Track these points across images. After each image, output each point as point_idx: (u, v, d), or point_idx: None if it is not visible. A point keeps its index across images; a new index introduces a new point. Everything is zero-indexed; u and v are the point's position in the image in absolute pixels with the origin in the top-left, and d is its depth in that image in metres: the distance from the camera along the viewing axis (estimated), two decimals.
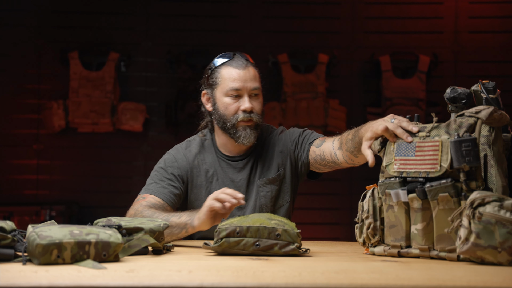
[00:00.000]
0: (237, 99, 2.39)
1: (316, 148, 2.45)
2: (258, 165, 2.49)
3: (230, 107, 2.39)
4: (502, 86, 2.16)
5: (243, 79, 2.38)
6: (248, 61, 2.43)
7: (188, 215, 2.18)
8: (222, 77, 2.41)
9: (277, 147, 2.50)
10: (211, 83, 2.44)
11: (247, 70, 2.40)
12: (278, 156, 2.49)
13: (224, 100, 2.40)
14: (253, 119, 2.39)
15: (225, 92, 2.39)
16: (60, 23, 5.43)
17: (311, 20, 5.48)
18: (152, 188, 2.42)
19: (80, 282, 1.40)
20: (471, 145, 1.79)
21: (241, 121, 2.38)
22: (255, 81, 2.41)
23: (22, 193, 5.40)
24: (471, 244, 1.70)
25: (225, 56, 2.44)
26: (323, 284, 1.42)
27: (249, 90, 2.39)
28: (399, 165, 1.91)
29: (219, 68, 2.42)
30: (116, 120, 5.30)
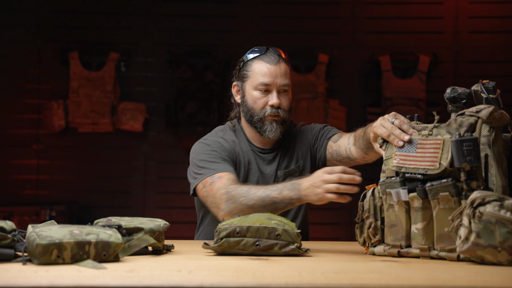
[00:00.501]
0: (266, 94, 2.40)
1: (333, 143, 2.48)
2: (282, 158, 2.50)
3: (259, 101, 2.40)
4: (502, 86, 2.16)
5: (273, 74, 2.39)
6: (281, 56, 2.43)
7: (289, 189, 2.16)
8: (253, 71, 2.41)
9: (298, 140, 2.52)
10: (242, 76, 2.44)
11: (278, 66, 2.40)
12: (298, 148, 2.51)
13: (253, 93, 2.41)
14: (280, 114, 2.40)
15: (254, 86, 2.40)
16: (60, 23, 5.43)
17: (311, 20, 5.48)
18: (218, 167, 2.35)
19: (80, 282, 1.40)
20: (472, 145, 1.80)
21: (268, 115, 2.39)
22: (285, 77, 2.41)
23: (22, 193, 5.40)
24: (471, 243, 1.70)
25: (258, 50, 2.44)
26: (323, 284, 1.42)
27: (279, 86, 2.40)
28: (399, 160, 1.92)
29: (251, 61, 2.42)
30: (116, 120, 5.30)
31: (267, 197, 2.17)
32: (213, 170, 2.33)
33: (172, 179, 5.45)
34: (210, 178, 2.31)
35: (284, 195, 2.16)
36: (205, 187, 2.31)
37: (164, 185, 5.45)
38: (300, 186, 2.14)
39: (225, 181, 2.27)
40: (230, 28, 5.43)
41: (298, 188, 2.15)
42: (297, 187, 2.15)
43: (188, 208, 5.44)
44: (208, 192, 2.30)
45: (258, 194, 2.18)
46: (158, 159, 5.46)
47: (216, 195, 2.26)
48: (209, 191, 2.29)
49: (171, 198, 5.45)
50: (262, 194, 2.18)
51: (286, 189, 2.17)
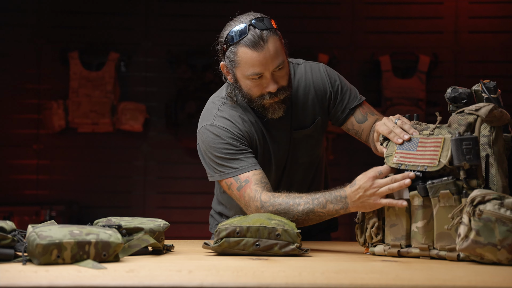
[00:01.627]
0: (260, 80, 2.16)
1: (356, 123, 2.33)
2: (294, 113, 2.30)
3: (254, 88, 2.18)
4: (502, 86, 2.16)
5: (263, 61, 2.12)
6: (267, 31, 2.14)
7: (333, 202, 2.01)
8: (240, 59, 2.15)
9: (311, 91, 2.32)
10: (229, 60, 2.19)
11: (267, 49, 2.12)
12: (313, 102, 2.32)
13: (247, 82, 2.18)
14: (280, 96, 2.18)
15: (246, 76, 2.16)
16: (60, 23, 5.43)
17: (311, 20, 5.48)
18: (239, 166, 2.17)
19: (80, 282, 1.40)
20: (472, 144, 1.80)
21: (267, 101, 2.19)
22: (276, 57, 2.14)
23: (22, 193, 5.40)
24: (471, 241, 1.70)
25: (240, 31, 2.15)
26: (323, 284, 1.42)
27: (272, 69, 2.15)
28: (399, 157, 1.93)
29: (235, 46, 2.15)
30: (116, 120, 5.30)
31: (311, 212, 2.03)
32: (235, 169, 2.17)
33: (172, 179, 5.45)
34: (234, 181, 2.16)
35: (329, 209, 2.02)
36: (232, 190, 2.18)
37: (164, 185, 5.45)
38: (347, 199, 1.98)
39: (254, 188, 2.11)
40: None
41: (344, 201, 1.99)
42: (343, 200, 1.99)
43: (188, 208, 5.45)
44: (238, 198, 2.17)
45: (300, 210, 2.04)
46: (158, 159, 5.46)
47: (250, 206, 2.12)
48: (240, 198, 2.16)
49: (171, 198, 5.45)
50: (304, 209, 2.03)
51: (329, 202, 2.01)
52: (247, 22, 2.16)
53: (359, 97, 2.36)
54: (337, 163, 5.22)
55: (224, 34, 2.21)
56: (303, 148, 2.35)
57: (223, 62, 2.24)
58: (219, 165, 2.20)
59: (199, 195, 5.40)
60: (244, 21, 2.17)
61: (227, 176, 2.19)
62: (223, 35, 2.22)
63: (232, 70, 2.21)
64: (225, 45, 2.20)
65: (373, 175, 1.95)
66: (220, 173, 2.20)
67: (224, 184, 2.21)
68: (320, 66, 2.37)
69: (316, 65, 2.37)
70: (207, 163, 2.24)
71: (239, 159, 2.18)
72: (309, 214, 2.03)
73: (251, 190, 2.12)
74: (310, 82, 2.33)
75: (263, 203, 2.08)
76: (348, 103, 2.34)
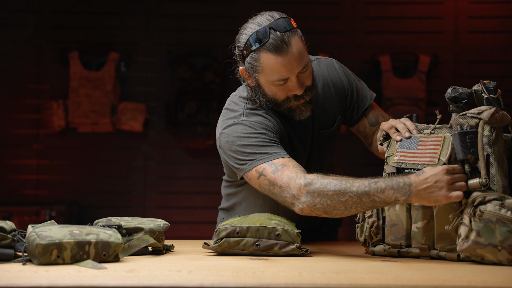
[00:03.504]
0: (285, 84, 2.07)
1: (369, 125, 2.30)
2: (316, 114, 2.23)
3: (280, 93, 2.09)
4: (502, 86, 2.16)
5: (288, 67, 2.03)
6: (289, 33, 2.04)
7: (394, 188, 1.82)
8: (263, 65, 2.05)
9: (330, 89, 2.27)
10: (250, 66, 2.08)
11: (291, 52, 2.02)
12: (332, 100, 2.27)
13: (271, 87, 2.09)
14: (306, 98, 2.10)
15: (270, 81, 2.07)
16: (60, 23, 5.43)
17: (311, 20, 5.48)
18: (273, 151, 2.04)
19: (80, 282, 1.40)
20: (475, 138, 1.81)
21: (293, 103, 2.11)
22: (301, 59, 2.05)
23: (22, 193, 5.40)
24: (472, 242, 1.70)
25: (261, 35, 2.04)
26: (323, 284, 1.42)
27: (297, 73, 2.06)
28: (400, 156, 1.93)
29: (257, 52, 2.04)
30: (116, 120, 5.30)
31: (365, 194, 1.84)
32: (269, 154, 2.02)
33: (172, 179, 5.44)
34: (268, 166, 2.00)
35: (387, 195, 1.82)
36: (264, 175, 2.00)
37: (164, 185, 5.45)
38: (411, 187, 1.81)
39: (294, 169, 1.97)
40: (230, 28, 5.41)
41: (408, 189, 1.81)
42: (406, 187, 1.81)
43: (188, 208, 5.45)
44: (272, 181, 1.99)
45: (353, 190, 1.85)
46: (158, 159, 5.46)
47: (290, 185, 1.94)
48: (275, 180, 1.98)
49: (171, 198, 5.45)
50: (359, 190, 1.85)
51: (390, 188, 1.82)
52: (266, 24, 2.04)
53: (370, 95, 2.32)
54: (337, 163, 5.20)
55: (242, 39, 2.09)
56: (327, 148, 2.30)
57: (243, 67, 2.13)
58: (248, 154, 2.05)
59: (199, 195, 5.40)
60: (262, 23, 2.05)
61: (259, 162, 2.02)
62: (240, 39, 2.10)
63: (254, 76, 2.10)
64: (245, 51, 2.08)
65: (447, 168, 1.79)
66: (251, 161, 2.03)
67: (253, 173, 2.03)
68: (334, 63, 2.32)
69: (330, 61, 2.32)
70: (234, 158, 2.09)
71: (272, 146, 2.05)
72: (362, 197, 1.84)
73: (291, 172, 1.96)
74: (327, 80, 2.28)
75: (309, 179, 1.91)
76: (362, 102, 2.30)
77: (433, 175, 1.78)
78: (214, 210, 2.57)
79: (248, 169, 2.04)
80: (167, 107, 5.34)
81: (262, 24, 2.05)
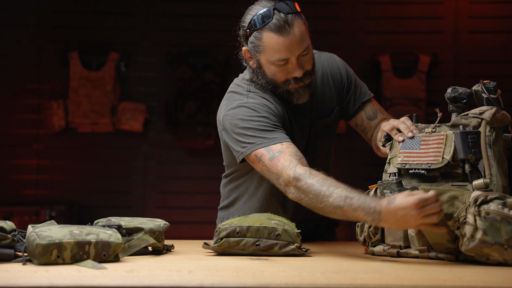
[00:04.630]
0: (285, 65, 2.11)
1: (366, 119, 2.32)
2: (314, 102, 2.26)
3: (279, 74, 2.13)
4: (502, 86, 2.16)
5: (289, 47, 2.08)
6: (292, 15, 2.10)
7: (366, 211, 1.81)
8: (265, 45, 2.09)
9: (329, 80, 2.30)
10: (253, 46, 2.13)
11: (292, 33, 2.07)
12: (330, 91, 2.30)
13: (271, 68, 2.12)
14: (305, 81, 2.14)
15: (271, 61, 2.11)
16: (60, 23, 5.43)
17: (311, 20, 5.46)
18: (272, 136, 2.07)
19: (80, 282, 1.40)
20: (476, 138, 1.81)
21: (292, 86, 2.14)
22: (302, 41, 2.10)
23: (22, 193, 5.40)
24: (478, 241, 1.70)
25: (265, 16, 2.09)
26: (323, 284, 1.42)
27: (298, 54, 2.10)
28: (403, 157, 1.93)
29: (260, 31, 2.09)
30: (116, 120, 5.30)
31: (339, 208, 1.86)
32: (268, 139, 2.05)
33: (172, 179, 5.44)
34: (266, 152, 2.04)
35: (358, 215, 1.83)
36: (262, 161, 2.04)
37: (164, 185, 5.45)
38: (380, 215, 1.79)
39: (289, 158, 1.99)
40: (230, 28, 5.42)
41: (378, 217, 1.80)
42: (376, 215, 1.80)
43: (188, 208, 5.45)
44: (269, 168, 2.03)
45: (329, 201, 1.88)
46: (158, 159, 5.46)
47: (282, 175, 1.99)
48: (271, 168, 2.02)
49: (171, 198, 5.45)
50: (334, 202, 1.87)
51: (361, 209, 1.82)
52: (270, 5, 2.10)
53: (369, 93, 2.37)
54: (337, 163, 5.21)
55: (247, 19, 2.15)
56: (323, 138, 2.31)
57: (246, 47, 2.17)
58: (249, 137, 2.08)
59: (199, 195, 5.40)
60: (267, 5, 2.11)
61: (258, 146, 2.06)
62: (245, 19, 2.15)
63: (255, 56, 2.15)
64: (249, 30, 2.13)
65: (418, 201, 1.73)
66: (250, 145, 2.07)
67: (253, 157, 2.07)
68: (335, 56, 2.37)
69: (331, 55, 2.38)
70: (236, 140, 2.12)
71: (273, 131, 2.08)
72: (336, 210, 1.88)
73: (285, 160, 2.00)
74: (327, 70, 2.32)
75: (298, 174, 1.95)
76: (359, 96, 2.34)
77: (402, 208, 1.75)
78: (214, 210, 2.57)
79: (247, 152, 2.08)
80: (167, 107, 5.34)
81: (267, 6, 2.10)
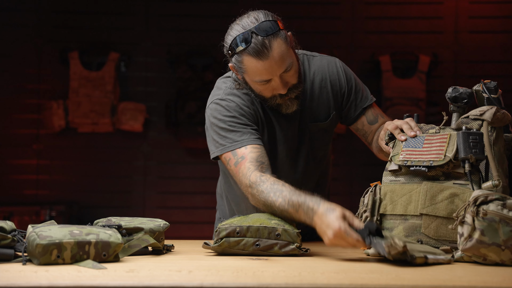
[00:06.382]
0: (269, 83, 2.14)
1: (367, 123, 2.33)
2: (308, 105, 2.29)
3: (265, 91, 2.16)
4: (502, 86, 2.16)
5: (269, 70, 2.09)
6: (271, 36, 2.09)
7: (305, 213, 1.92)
8: (246, 67, 2.12)
9: (328, 85, 2.31)
10: (236, 66, 2.16)
11: (271, 56, 2.08)
12: (328, 96, 2.31)
13: (256, 86, 2.16)
14: (291, 95, 2.17)
15: (254, 81, 2.14)
16: (60, 23, 5.43)
17: (311, 20, 5.48)
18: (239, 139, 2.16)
19: (80, 282, 1.40)
20: (478, 139, 1.82)
21: (279, 100, 2.18)
22: (282, 62, 2.10)
23: (22, 193, 5.40)
24: (475, 241, 1.70)
25: (243, 39, 2.10)
26: (323, 284, 1.42)
27: (279, 74, 2.12)
28: (405, 155, 1.94)
29: (240, 55, 2.11)
30: (116, 120, 5.30)
31: (285, 212, 1.97)
32: (235, 143, 2.15)
33: (172, 179, 5.45)
34: (232, 156, 2.14)
35: (299, 215, 1.94)
36: (230, 165, 2.16)
37: (164, 185, 5.45)
38: (313, 221, 1.90)
39: (248, 165, 2.09)
40: None
41: (311, 220, 1.90)
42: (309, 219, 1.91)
43: (188, 208, 5.45)
44: (234, 173, 2.14)
45: (276, 206, 1.98)
46: (158, 159, 5.46)
47: (242, 182, 2.11)
48: (235, 174, 2.13)
49: (171, 198, 5.45)
50: (280, 207, 1.98)
51: (302, 210, 1.93)
52: (249, 27, 2.11)
53: (371, 98, 2.37)
54: (337, 163, 5.22)
55: (228, 40, 2.17)
56: (318, 142, 2.34)
57: (231, 64, 2.20)
58: (221, 138, 2.18)
59: (199, 195, 5.40)
60: (246, 27, 2.12)
61: (227, 150, 2.16)
62: (227, 40, 2.18)
63: (241, 74, 2.18)
64: (230, 52, 2.16)
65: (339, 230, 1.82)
66: (221, 147, 2.17)
67: (223, 159, 2.18)
68: (336, 61, 2.37)
69: (332, 59, 2.38)
70: (211, 138, 2.22)
71: (241, 131, 2.16)
72: (284, 213, 1.97)
73: (244, 167, 2.10)
74: (326, 75, 2.33)
75: (251, 182, 2.06)
76: (360, 101, 2.35)
77: (326, 224, 1.84)
78: (214, 210, 2.58)
79: (218, 153, 2.19)
80: (167, 107, 5.34)
81: (246, 27, 2.12)
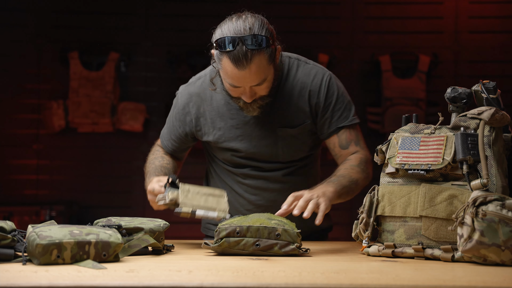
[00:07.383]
0: (238, 88, 2.21)
1: (338, 146, 2.37)
2: (281, 110, 2.32)
3: (232, 91, 2.23)
4: (502, 86, 2.16)
5: (241, 80, 2.16)
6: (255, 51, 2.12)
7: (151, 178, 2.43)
8: (223, 66, 2.18)
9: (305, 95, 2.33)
10: (216, 58, 2.21)
11: (248, 68, 2.12)
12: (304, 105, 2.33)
13: (227, 84, 2.23)
14: (254, 106, 2.25)
15: (226, 80, 2.21)
16: (60, 23, 5.43)
17: (311, 20, 5.48)
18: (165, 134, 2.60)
19: (80, 282, 1.40)
20: (476, 140, 1.81)
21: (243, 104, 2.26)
22: (257, 76, 2.15)
23: (22, 193, 5.40)
24: (475, 242, 1.70)
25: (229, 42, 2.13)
26: (323, 284, 1.42)
27: (249, 86, 2.19)
28: (402, 157, 1.92)
29: (221, 53, 2.16)
30: (116, 120, 5.30)
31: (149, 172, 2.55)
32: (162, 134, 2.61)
33: None
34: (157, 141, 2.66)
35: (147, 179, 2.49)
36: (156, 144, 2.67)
37: None
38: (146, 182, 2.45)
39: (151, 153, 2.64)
40: None
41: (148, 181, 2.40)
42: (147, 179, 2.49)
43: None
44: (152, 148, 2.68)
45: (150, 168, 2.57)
46: None
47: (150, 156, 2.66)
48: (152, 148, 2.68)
49: None
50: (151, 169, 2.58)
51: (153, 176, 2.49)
52: (240, 34, 2.13)
53: (351, 119, 2.36)
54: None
55: (217, 33, 2.19)
56: (290, 147, 2.36)
57: (213, 51, 2.24)
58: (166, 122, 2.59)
59: None
60: (238, 32, 2.14)
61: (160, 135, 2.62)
62: (216, 33, 2.20)
63: (217, 67, 2.25)
64: (215, 45, 2.20)
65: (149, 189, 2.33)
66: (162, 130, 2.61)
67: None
68: (325, 75, 2.37)
69: (322, 72, 2.37)
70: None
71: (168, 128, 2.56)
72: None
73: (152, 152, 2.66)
74: (307, 85, 2.33)
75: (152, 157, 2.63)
76: (337, 120, 2.35)
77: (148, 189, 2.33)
78: None
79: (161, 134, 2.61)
80: (167, 107, 5.34)
81: (237, 33, 2.14)
